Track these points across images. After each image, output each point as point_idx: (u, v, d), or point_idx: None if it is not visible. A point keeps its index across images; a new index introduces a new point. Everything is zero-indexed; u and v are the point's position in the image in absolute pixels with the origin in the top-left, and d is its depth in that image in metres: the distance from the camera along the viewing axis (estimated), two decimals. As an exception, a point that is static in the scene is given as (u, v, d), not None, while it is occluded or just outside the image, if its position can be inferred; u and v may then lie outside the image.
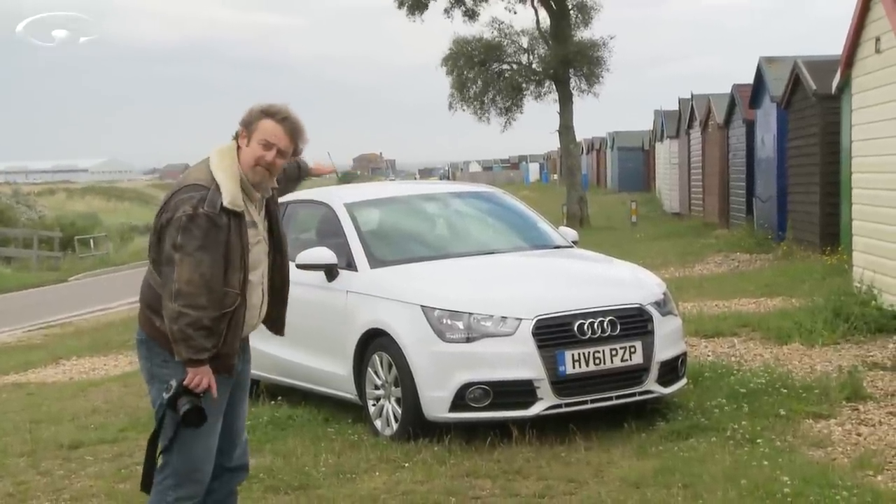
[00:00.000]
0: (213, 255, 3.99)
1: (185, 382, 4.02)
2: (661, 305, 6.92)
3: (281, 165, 4.21)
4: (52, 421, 8.44)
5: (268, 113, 4.16)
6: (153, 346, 4.20)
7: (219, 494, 4.43)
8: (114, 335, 14.66)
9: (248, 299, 4.18)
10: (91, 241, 37.15)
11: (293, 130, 4.18)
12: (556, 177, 57.95)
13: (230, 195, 4.04)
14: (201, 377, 4.03)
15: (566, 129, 28.67)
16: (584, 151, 56.44)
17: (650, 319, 6.73)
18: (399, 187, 8.49)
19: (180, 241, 3.97)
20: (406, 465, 6.17)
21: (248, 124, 4.16)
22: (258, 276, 4.25)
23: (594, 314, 6.55)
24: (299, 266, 7.27)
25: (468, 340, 6.48)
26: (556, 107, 28.64)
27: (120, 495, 6.05)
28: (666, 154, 32.46)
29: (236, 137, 4.20)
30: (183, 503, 4.20)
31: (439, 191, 8.44)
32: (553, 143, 30.40)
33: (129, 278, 23.74)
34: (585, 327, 6.50)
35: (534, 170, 79.23)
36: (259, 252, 4.24)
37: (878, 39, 10.13)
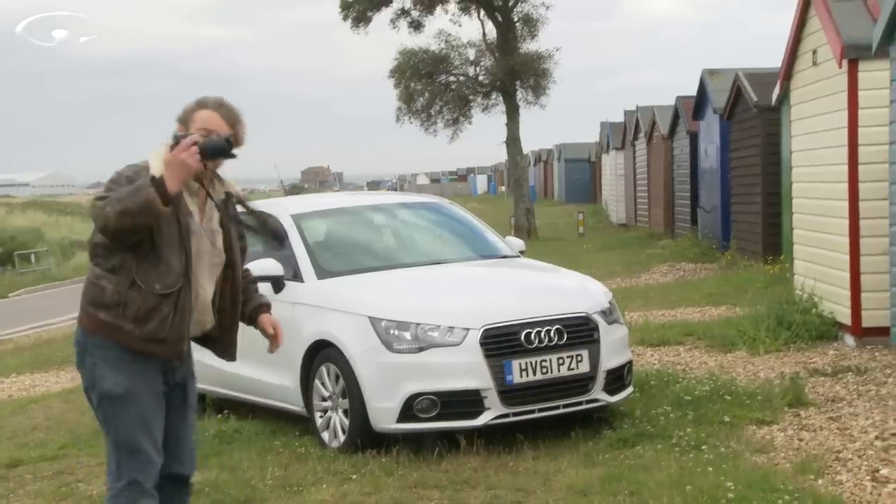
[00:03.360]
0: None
1: (172, 180, 3.92)
2: (607, 314, 6.98)
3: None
4: (-10, 439, 8.29)
5: (202, 104, 4.20)
6: (92, 345, 4.15)
7: None
8: (55, 351, 14.44)
9: (195, 290, 4.13)
10: (32, 256, 36.59)
11: (229, 116, 4.20)
12: (503, 189, 58.25)
13: (157, 167, 4.04)
14: (179, 165, 3.94)
15: (513, 141, 28.82)
16: (532, 163, 56.79)
17: (596, 328, 6.78)
18: (347, 198, 8.48)
19: (104, 193, 4.02)
20: (353, 476, 6.15)
21: (185, 118, 4.20)
22: (204, 272, 4.19)
23: (541, 323, 6.58)
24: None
25: (416, 351, 6.48)
26: (504, 118, 28.80)
27: (61, 513, 5.95)
28: (612, 165, 32.76)
29: (175, 138, 4.17)
30: (134, 489, 4.13)
31: (387, 201, 8.46)
32: (501, 155, 30.66)
33: (71, 294, 23.37)
34: (532, 336, 6.53)
35: (481, 182, 79.55)
36: (200, 247, 4.17)
37: (814, 52, 10.32)
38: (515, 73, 28.06)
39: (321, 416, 6.94)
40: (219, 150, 4.08)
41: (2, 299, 28.11)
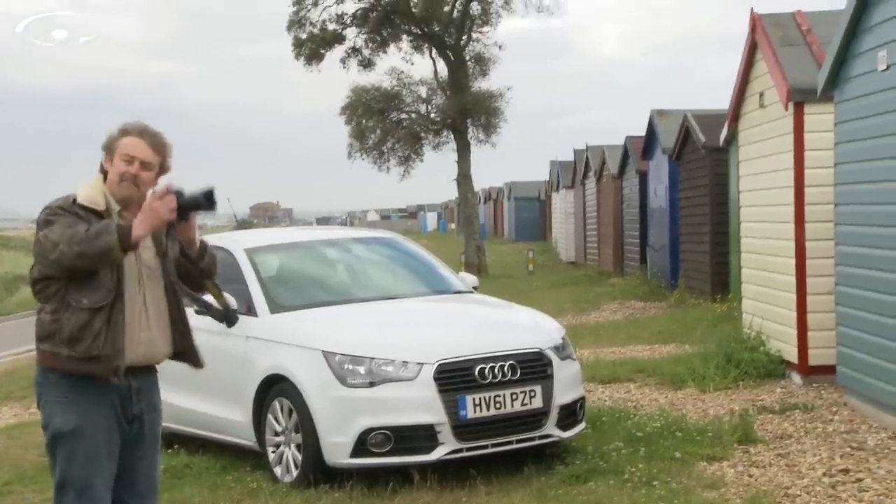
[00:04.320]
0: (67, 224, 4.01)
1: (134, 235, 3.93)
2: (560, 350, 7.03)
3: (148, 179, 4.18)
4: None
5: (126, 131, 4.21)
6: (44, 382, 4.16)
7: None
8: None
9: (126, 307, 4.10)
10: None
11: (153, 142, 4.20)
12: (453, 226, 58.46)
13: (84, 195, 4.11)
14: (153, 214, 3.94)
15: (464, 179, 28.97)
16: (482, 201, 57.09)
17: (549, 364, 6.83)
18: (300, 233, 8.47)
19: (43, 232, 4.04)
20: (306, 512, 6.10)
21: (109, 147, 4.21)
22: (138, 293, 4.17)
23: (494, 358, 6.61)
24: (198, 311, 7.16)
25: (370, 385, 6.47)
26: (455, 156, 28.97)
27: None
28: (562, 204, 33.04)
29: (102, 169, 4.21)
30: None
31: (340, 236, 8.46)
32: (451, 193, 30.79)
33: (15, 328, 22.98)
34: (486, 371, 6.55)
35: (431, 219, 79.75)
36: (131, 267, 4.15)
37: (761, 95, 10.55)
38: (467, 111, 28.28)
39: (273, 451, 6.88)
40: (196, 204, 4.03)
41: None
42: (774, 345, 10.08)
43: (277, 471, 6.82)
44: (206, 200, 4.05)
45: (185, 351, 4.40)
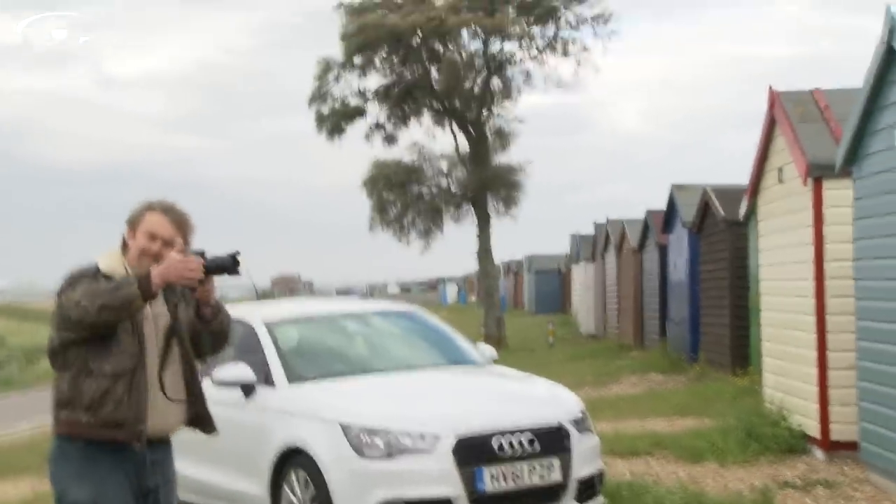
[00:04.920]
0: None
1: (154, 283, 3.94)
2: (579, 423, 7.00)
3: (168, 256, 4.19)
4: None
5: (151, 207, 4.23)
6: (59, 456, 4.15)
7: None
8: (15, 459, 14.10)
9: (146, 374, 4.12)
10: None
11: (177, 220, 4.23)
12: (474, 298, 58.40)
13: (105, 264, 4.15)
14: (175, 271, 3.96)
15: (485, 252, 29.06)
16: (502, 274, 57.14)
17: (568, 437, 6.79)
18: (320, 305, 8.52)
19: (63, 295, 4.06)
20: (322, 586, 6.04)
21: (133, 221, 4.23)
22: (155, 361, 4.18)
23: (513, 431, 6.59)
24: (216, 383, 7.21)
25: (387, 457, 6.45)
26: (475, 229, 29.11)
27: None
28: (582, 277, 33.03)
29: (124, 243, 4.25)
30: None
31: (359, 309, 8.51)
32: (471, 265, 30.84)
33: (34, 401, 23.00)
34: (504, 444, 6.52)
35: (451, 291, 79.69)
36: (150, 336, 4.19)
37: (780, 170, 10.61)
38: (487, 184, 28.49)
39: (290, 524, 6.84)
40: (222, 267, 4.06)
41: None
42: (796, 419, 9.98)
43: (294, 544, 6.78)
44: (232, 263, 4.07)
45: (198, 416, 4.37)
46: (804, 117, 10.04)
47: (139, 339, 4.12)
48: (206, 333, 4.32)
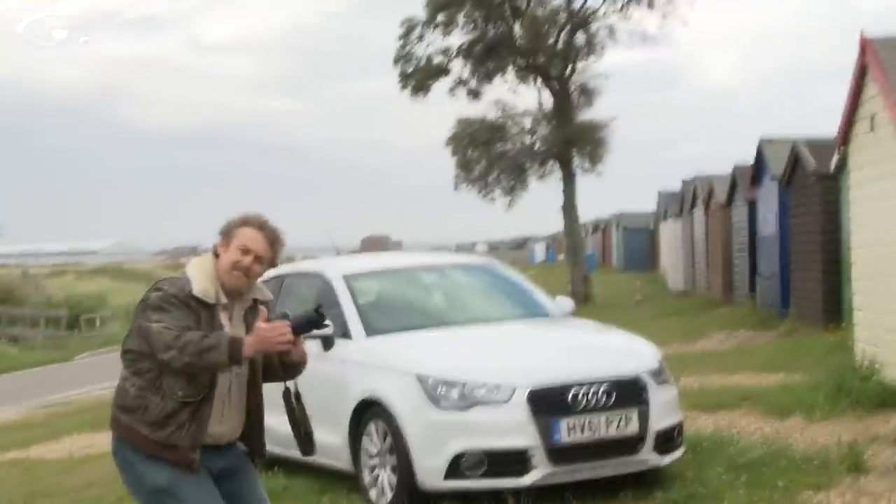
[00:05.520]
0: (179, 317, 4.02)
1: (244, 355, 3.94)
2: (656, 374, 6.92)
3: (258, 272, 4.19)
4: (47, 495, 8.39)
5: (246, 221, 4.21)
6: (123, 451, 4.17)
7: None
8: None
9: (213, 402, 4.12)
10: (97, 320, 37.20)
11: (271, 237, 4.20)
12: (561, 257, 58.08)
13: (200, 286, 4.10)
14: (266, 343, 3.95)
15: (570, 209, 28.87)
16: (590, 232, 56.68)
17: (645, 388, 6.72)
18: (397, 258, 8.56)
19: (155, 318, 4.01)
20: (400, 534, 6.11)
21: (227, 233, 4.20)
22: (226, 383, 4.17)
23: (589, 383, 6.54)
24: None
25: (463, 408, 6.47)
26: (560, 186, 28.89)
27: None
28: (670, 234, 32.59)
29: (216, 251, 4.22)
30: None
31: (436, 262, 8.51)
32: (559, 224, 30.60)
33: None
34: (580, 396, 6.48)
35: (540, 250, 79.39)
36: None
37: (872, 118, 10.26)
38: (572, 141, 28.21)
39: (369, 474, 6.93)
40: (309, 324, 4.04)
41: (67, 362, 28.55)
42: (889, 373, 9.71)
43: (372, 493, 6.86)
44: (317, 318, 4.05)
45: (251, 439, 4.36)
46: (897, 61, 9.67)
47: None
48: (280, 368, 4.33)
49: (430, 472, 6.47)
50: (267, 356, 4.23)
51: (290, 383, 4.34)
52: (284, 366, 4.28)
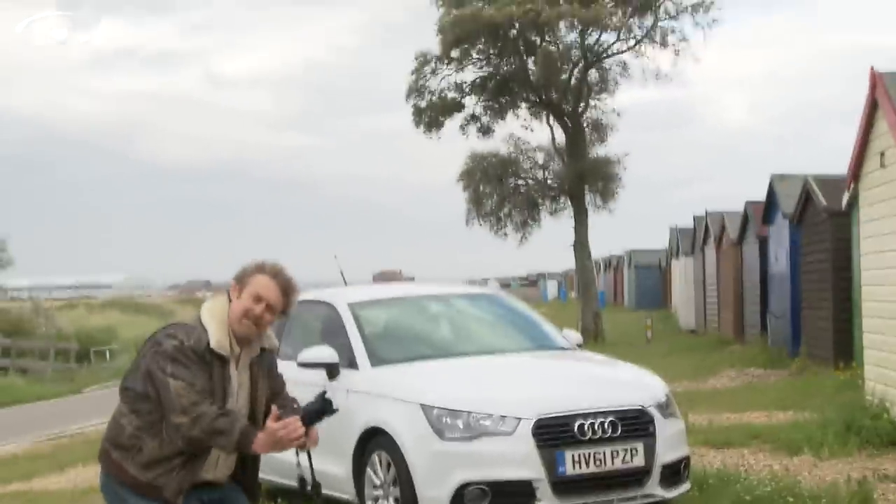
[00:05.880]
0: (202, 380, 4.00)
1: (253, 450, 3.94)
2: (663, 407, 6.87)
3: (269, 321, 4.17)
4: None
5: (261, 269, 4.19)
6: (110, 487, 4.14)
7: None
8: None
9: (209, 455, 4.10)
10: (107, 352, 37.23)
11: (285, 286, 4.18)
12: (574, 294, 57.95)
13: (216, 337, 4.07)
14: (272, 442, 3.95)
15: (581, 245, 28.85)
16: (602, 269, 56.55)
17: (652, 421, 6.67)
18: (404, 287, 8.54)
19: (171, 370, 3.98)
20: (401, 566, 6.05)
21: (242, 279, 4.18)
22: None
23: (595, 415, 6.50)
24: (300, 364, 7.29)
25: (467, 439, 6.43)
26: (572, 222, 28.88)
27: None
28: (681, 271, 32.48)
29: (229, 294, 4.21)
30: None
31: (443, 292, 8.50)
32: (571, 261, 30.49)
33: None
34: (586, 427, 6.44)
35: (552, 287, 79.19)
36: (233, 407, 4.13)
37: (882, 154, 10.25)
38: (584, 177, 28.24)
39: (373, 505, 6.87)
40: (320, 413, 4.06)
41: (76, 395, 28.54)
42: (898, 412, 9.63)
43: (376, 524, 6.81)
44: (326, 405, 4.06)
45: (245, 481, 4.32)
46: (907, 98, 9.67)
47: None
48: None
49: (434, 502, 6.42)
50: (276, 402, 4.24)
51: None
52: None
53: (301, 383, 7.37)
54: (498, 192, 29.20)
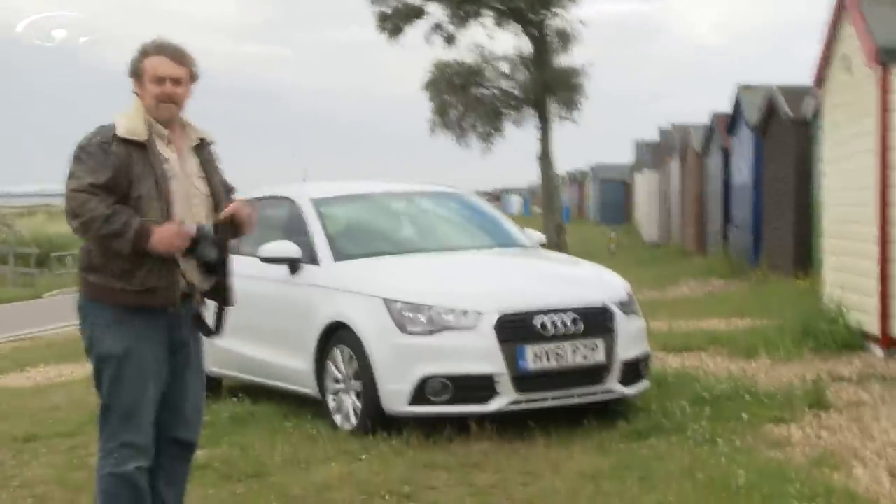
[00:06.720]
0: (101, 174, 4.00)
1: (152, 247, 3.98)
2: (624, 305, 6.90)
3: (184, 93, 4.15)
4: (6, 418, 8.34)
5: (146, 52, 4.17)
6: (91, 308, 4.17)
7: (167, 470, 4.33)
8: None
9: None
10: (68, 258, 36.93)
11: (176, 56, 4.16)
12: (538, 209, 58.11)
13: (124, 126, 4.07)
14: (166, 241, 3.98)
15: (545, 156, 28.70)
16: (567, 183, 56.64)
17: (613, 318, 6.70)
18: (368, 185, 8.45)
19: (71, 170, 4.05)
20: (363, 456, 6.11)
21: (135, 73, 4.18)
22: (188, 218, 4.12)
23: (556, 311, 6.51)
24: (263, 259, 7.24)
25: (429, 333, 6.43)
26: (538, 133, 28.70)
27: (71, 482, 5.96)
28: (646, 184, 32.59)
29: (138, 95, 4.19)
30: (127, 451, 4.12)
31: (406, 189, 8.43)
32: (536, 175, 30.40)
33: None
34: (547, 323, 6.46)
35: (516, 202, 79.35)
36: (184, 192, 4.14)
37: (846, 57, 10.19)
38: (549, 87, 27.98)
39: (333, 399, 6.89)
40: (206, 256, 4.08)
41: (38, 299, 28.38)
42: (855, 317, 9.75)
43: (337, 418, 6.84)
44: (216, 262, 4.12)
45: (220, 288, 4.29)
46: (874, 0, 9.59)
47: (166, 204, 4.07)
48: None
49: (396, 396, 6.45)
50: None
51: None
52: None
53: (262, 279, 7.35)
54: (462, 101, 28.91)
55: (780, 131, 16.42)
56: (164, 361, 4.19)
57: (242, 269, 4.57)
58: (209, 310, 4.37)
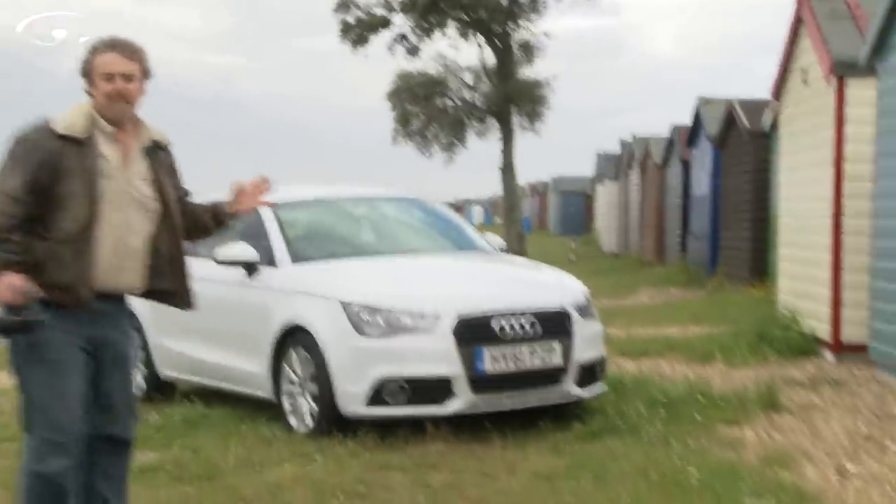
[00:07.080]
0: (19, 171, 3.94)
1: None
2: (582, 309, 6.94)
3: (136, 90, 4.08)
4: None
5: (96, 49, 4.09)
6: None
7: (104, 468, 4.24)
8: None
9: (103, 237, 4.01)
10: None
11: (127, 52, 4.08)
12: (499, 220, 58.29)
13: (64, 122, 4.00)
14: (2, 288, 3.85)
15: (507, 167, 28.86)
16: (528, 195, 56.88)
17: (570, 320, 6.74)
18: (326, 189, 8.43)
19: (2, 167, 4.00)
20: (318, 458, 6.08)
21: (86, 72, 4.10)
22: (121, 220, 4.05)
23: (514, 314, 6.54)
24: (219, 262, 7.20)
25: (387, 335, 6.43)
26: (500, 145, 28.85)
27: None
28: (606, 196, 32.82)
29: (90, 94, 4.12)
30: (44, 447, 4.02)
31: (366, 194, 8.43)
32: (497, 187, 30.49)
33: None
34: (505, 326, 6.48)
35: (478, 212, 79.52)
36: (119, 192, 4.05)
37: (804, 71, 10.36)
38: (511, 98, 28.15)
39: (289, 402, 6.86)
40: (29, 317, 3.89)
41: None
42: (808, 323, 9.90)
43: (292, 421, 6.81)
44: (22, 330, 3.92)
45: (178, 291, 4.24)
46: (832, 14, 9.75)
47: (92, 203, 3.98)
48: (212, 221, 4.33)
49: (352, 398, 6.43)
50: (188, 208, 4.26)
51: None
52: (217, 221, 4.31)
53: (219, 282, 7.31)
54: (425, 111, 28.99)
55: (739, 143, 16.64)
56: (84, 358, 4.07)
57: (197, 271, 4.52)
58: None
